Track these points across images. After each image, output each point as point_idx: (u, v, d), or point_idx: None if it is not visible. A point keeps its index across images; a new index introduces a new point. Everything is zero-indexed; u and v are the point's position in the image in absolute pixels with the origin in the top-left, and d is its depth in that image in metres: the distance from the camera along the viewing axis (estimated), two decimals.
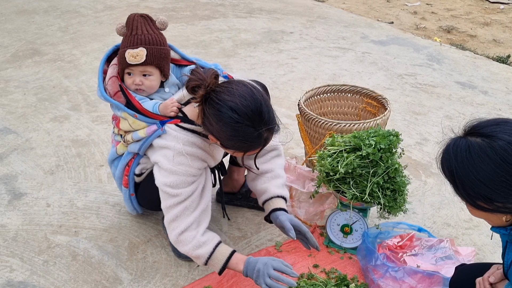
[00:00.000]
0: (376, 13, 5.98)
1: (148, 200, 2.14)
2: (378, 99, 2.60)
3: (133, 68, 1.92)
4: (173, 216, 1.85)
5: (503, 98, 3.74)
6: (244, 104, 1.65)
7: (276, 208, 2.01)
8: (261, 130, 1.68)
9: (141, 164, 2.05)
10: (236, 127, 1.66)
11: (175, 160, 1.82)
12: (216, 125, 1.69)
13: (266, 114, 1.69)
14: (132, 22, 1.93)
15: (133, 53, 1.89)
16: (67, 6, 5.52)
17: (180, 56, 2.10)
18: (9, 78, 3.78)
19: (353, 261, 2.14)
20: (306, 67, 4.14)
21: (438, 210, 2.49)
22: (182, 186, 1.83)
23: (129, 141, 1.99)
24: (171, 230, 1.86)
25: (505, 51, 4.85)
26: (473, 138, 1.29)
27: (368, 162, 1.96)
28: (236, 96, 1.66)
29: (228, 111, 1.65)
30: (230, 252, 1.86)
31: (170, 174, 1.82)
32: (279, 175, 2.10)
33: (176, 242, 1.87)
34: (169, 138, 1.85)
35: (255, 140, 1.70)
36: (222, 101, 1.67)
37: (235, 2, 5.85)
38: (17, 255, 2.15)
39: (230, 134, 1.69)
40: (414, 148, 3.02)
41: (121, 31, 1.96)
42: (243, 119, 1.65)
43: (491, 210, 1.28)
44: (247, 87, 1.71)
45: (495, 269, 1.51)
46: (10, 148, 2.91)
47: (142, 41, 1.90)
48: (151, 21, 1.96)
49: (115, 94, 1.97)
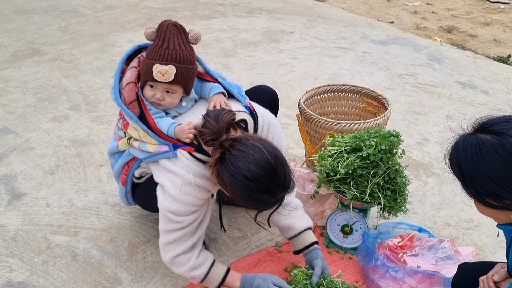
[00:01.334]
0: (376, 12, 5.98)
1: (144, 202, 2.11)
2: (378, 99, 2.60)
3: (157, 84, 1.83)
4: (170, 240, 1.80)
5: (503, 98, 3.74)
6: (260, 174, 1.56)
7: (309, 244, 1.99)
8: (278, 196, 1.62)
9: (142, 167, 2.01)
10: (251, 194, 1.60)
11: (182, 189, 1.75)
12: (231, 188, 1.62)
13: (283, 180, 1.61)
14: (164, 31, 1.80)
15: (162, 70, 1.78)
16: (67, 5, 5.51)
17: (204, 70, 2.01)
18: (9, 78, 3.77)
19: (353, 261, 2.13)
20: (306, 67, 4.13)
21: (439, 210, 2.49)
22: (185, 214, 1.77)
23: (134, 147, 1.93)
24: (166, 252, 1.82)
25: (506, 51, 4.85)
26: (483, 135, 1.29)
27: (369, 163, 1.96)
28: (252, 164, 1.57)
29: (244, 180, 1.57)
30: (225, 271, 1.86)
31: (175, 202, 1.76)
32: (297, 205, 2.06)
33: (171, 264, 1.83)
34: (180, 164, 1.77)
35: (271, 203, 1.64)
36: (237, 168, 1.58)
37: (235, 2, 5.84)
38: (17, 255, 2.15)
39: (245, 199, 1.62)
40: (414, 148, 3.02)
41: (151, 36, 1.83)
42: (258, 188, 1.58)
43: (499, 207, 1.28)
44: (263, 152, 1.59)
45: (499, 268, 1.51)
46: (10, 148, 2.90)
47: (173, 58, 1.79)
48: (184, 33, 1.85)
49: (130, 103, 1.86)
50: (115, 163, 2.11)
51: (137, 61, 1.91)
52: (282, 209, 1.83)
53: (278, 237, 2.28)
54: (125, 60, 1.93)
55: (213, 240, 2.26)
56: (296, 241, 2.02)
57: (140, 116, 1.86)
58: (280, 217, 2.00)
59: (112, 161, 2.14)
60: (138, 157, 1.94)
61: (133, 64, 1.91)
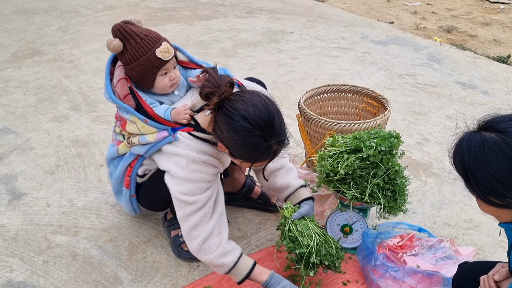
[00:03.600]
0: (376, 13, 5.98)
1: (149, 201, 2.13)
2: (378, 99, 2.60)
3: (168, 65, 1.90)
4: (192, 225, 1.81)
5: (503, 98, 3.74)
6: (257, 114, 1.64)
7: (305, 198, 2.06)
8: (271, 142, 1.67)
9: (145, 165, 2.02)
10: (246, 136, 1.65)
11: (189, 167, 1.78)
12: (227, 132, 1.68)
13: (278, 126, 1.68)
14: (128, 30, 1.86)
15: (163, 48, 1.87)
16: (67, 6, 5.52)
17: (187, 59, 2.07)
18: (9, 78, 3.78)
19: (353, 261, 2.14)
20: (306, 67, 4.14)
21: (438, 210, 2.49)
22: (198, 192, 1.79)
23: (135, 143, 1.96)
24: (192, 239, 1.82)
25: (505, 51, 4.85)
26: (487, 133, 1.28)
27: (369, 164, 1.96)
28: (250, 105, 1.65)
29: (240, 119, 1.64)
30: (253, 263, 1.86)
31: (185, 182, 1.78)
32: (292, 167, 2.14)
33: (199, 251, 1.82)
34: (181, 145, 1.81)
35: (264, 151, 1.69)
36: (235, 109, 1.65)
37: (235, 2, 5.85)
38: (17, 255, 2.15)
39: (240, 143, 1.67)
40: (414, 148, 3.02)
41: (119, 45, 1.87)
42: (254, 129, 1.64)
43: (502, 206, 1.27)
44: (261, 97, 1.69)
45: (499, 267, 1.51)
46: (10, 148, 2.91)
47: (155, 37, 1.88)
48: (133, 23, 1.93)
49: (124, 97, 1.92)
50: (114, 170, 2.12)
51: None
52: (278, 171, 2.04)
53: (278, 237, 2.28)
54: (111, 62, 1.99)
55: None
56: (293, 197, 2.07)
57: (136, 108, 1.91)
58: (277, 178, 2.09)
59: (111, 169, 2.15)
60: (140, 153, 1.97)
61: (120, 63, 1.96)
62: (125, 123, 1.96)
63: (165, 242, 2.24)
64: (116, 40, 1.87)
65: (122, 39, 1.87)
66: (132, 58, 1.87)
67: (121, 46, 1.87)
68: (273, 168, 2.08)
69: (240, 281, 1.85)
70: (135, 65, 1.88)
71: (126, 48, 1.88)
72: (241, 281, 1.85)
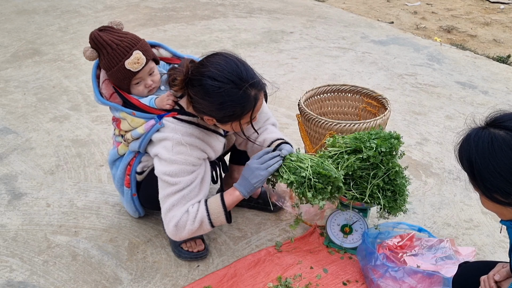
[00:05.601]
0: (376, 13, 5.98)
1: (150, 199, 2.13)
2: (378, 99, 2.60)
3: (140, 74, 1.92)
4: (169, 205, 1.85)
5: (503, 98, 3.74)
6: (220, 69, 1.71)
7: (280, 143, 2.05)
8: (245, 87, 1.72)
9: (143, 162, 2.05)
10: (220, 93, 1.71)
11: (174, 149, 1.84)
12: (203, 101, 1.75)
13: (244, 72, 1.74)
14: (101, 39, 1.86)
15: (133, 59, 1.87)
16: (67, 6, 5.52)
17: (171, 54, 2.12)
18: (9, 78, 3.78)
19: (353, 261, 2.14)
20: (306, 67, 4.14)
21: (438, 210, 2.49)
22: (181, 175, 1.84)
23: (129, 140, 2.00)
24: (168, 222, 1.86)
25: (505, 51, 4.85)
26: (496, 130, 1.26)
27: (369, 165, 1.96)
28: (210, 66, 1.73)
29: (208, 81, 1.71)
30: (219, 196, 1.90)
31: (169, 164, 1.84)
32: (272, 130, 2.14)
33: (175, 232, 1.87)
34: (167, 130, 1.87)
35: (244, 100, 1.74)
36: (200, 74, 1.74)
37: (235, 2, 5.85)
38: (17, 255, 2.15)
39: (218, 103, 1.73)
40: (414, 148, 3.02)
41: (94, 54, 1.90)
42: (224, 84, 1.71)
43: (506, 204, 1.26)
44: (219, 55, 1.78)
45: (500, 267, 1.50)
46: (10, 148, 2.91)
47: (128, 46, 1.87)
48: (109, 27, 1.93)
49: (110, 96, 1.98)
50: (116, 171, 2.14)
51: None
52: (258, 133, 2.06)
53: (278, 237, 2.28)
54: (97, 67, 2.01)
55: (213, 240, 2.26)
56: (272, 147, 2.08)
57: (124, 104, 1.95)
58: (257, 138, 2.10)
59: (114, 170, 2.17)
60: (135, 149, 2.00)
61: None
62: (120, 122, 2.01)
63: (165, 242, 2.24)
64: (90, 50, 1.91)
65: (96, 48, 1.90)
66: (106, 67, 1.92)
67: (95, 56, 1.91)
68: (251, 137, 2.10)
69: (226, 219, 1.90)
70: (109, 73, 1.93)
71: (100, 57, 1.92)
72: (227, 219, 1.90)
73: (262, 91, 1.82)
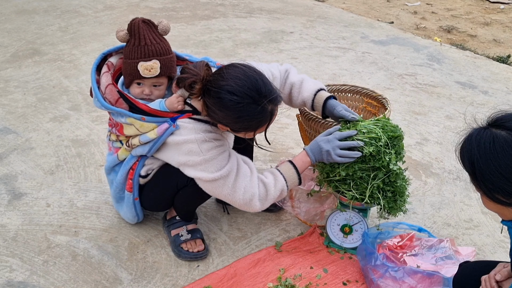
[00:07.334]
0: (376, 13, 5.98)
1: (153, 201, 2.13)
2: (378, 99, 2.60)
3: (144, 80, 1.91)
4: (242, 192, 1.86)
5: (503, 98, 3.74)
6: (240, 84, 1.70)
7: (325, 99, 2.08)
8: (263, 103, 1.72)
9: (147, 165, 2.03)
10: (238, 108, 1.70)
11: (202, 149, 1.82)
12: (220, 112, 1.74)
13: (263, 87, 1.73)
14: (137, 29, 1.86)
15: (147, 66, 1.86)
16: (67, 6, 5.52)
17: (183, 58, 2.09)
18: (9, 78, 3.78)
19: (353, 261, 2.14)
20: (306, 67, 4.14)
21: (438, 210, 2.49)
22: (225, 163, 1.85)
23: (135, 145, 1.95)
24: (248, 201, 1.88)
25: (505, 51, 4.85)
26: (498, 130, 1.26)
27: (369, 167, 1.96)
28: (230, 79, 1.72)
29: (227, 95, 1.70)
30: (291, 164, 1.95)
31: (208, 164, 1.83)
32: (301, 81, 2.16)
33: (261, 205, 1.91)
34: (186, 132, 1.84)
35: (261, 115, 1.74)
36: (219, 87, 1.72)
37: (235, 2, 5.85)
38: (17, 255, 2.15)
39: (236, 117, 1.73)
40: (414, 148, 3.02)
41: (125, 38, 1.90)
42: (243, 99, 1.70)
43: (508, 204, 1.26)
44: (238, 67, 1.76)
45: (501, 267, 1.50)
46: (10, 148, 2.91)
47: (153, 52, 1.86)
48: (154, 26, 1.91)
49: (116, 102, 1.91)
50: (115, 178, 2.11)
51: (107, 67, 1.98)
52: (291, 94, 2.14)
53: (278, 237, 2.28)
54: (95, 71, 1.99)
55: (213, 240, 2.26)
56: (316, 106, 2.13)
57: (130, 110, 1.91)
58: (293, 98, 2.17)
59: (112, 177, 2.14)
60: (142, 153, 1.96)
61: (104, 70, 1.97)
62: (122, 127, 1.95)
63: (165, 242, 2.24)
64: (124, 31, 1.89)
65: (130, 33, 1.89)
66: (126, 55, 1.92)
67: (126, 39, 1.90)
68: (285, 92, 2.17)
69: (299, 181, 1.97)
70: (124, 61, 1.93)
71: (128, 43, 1.91)
72: (299, 180, 1.97)
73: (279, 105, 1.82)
